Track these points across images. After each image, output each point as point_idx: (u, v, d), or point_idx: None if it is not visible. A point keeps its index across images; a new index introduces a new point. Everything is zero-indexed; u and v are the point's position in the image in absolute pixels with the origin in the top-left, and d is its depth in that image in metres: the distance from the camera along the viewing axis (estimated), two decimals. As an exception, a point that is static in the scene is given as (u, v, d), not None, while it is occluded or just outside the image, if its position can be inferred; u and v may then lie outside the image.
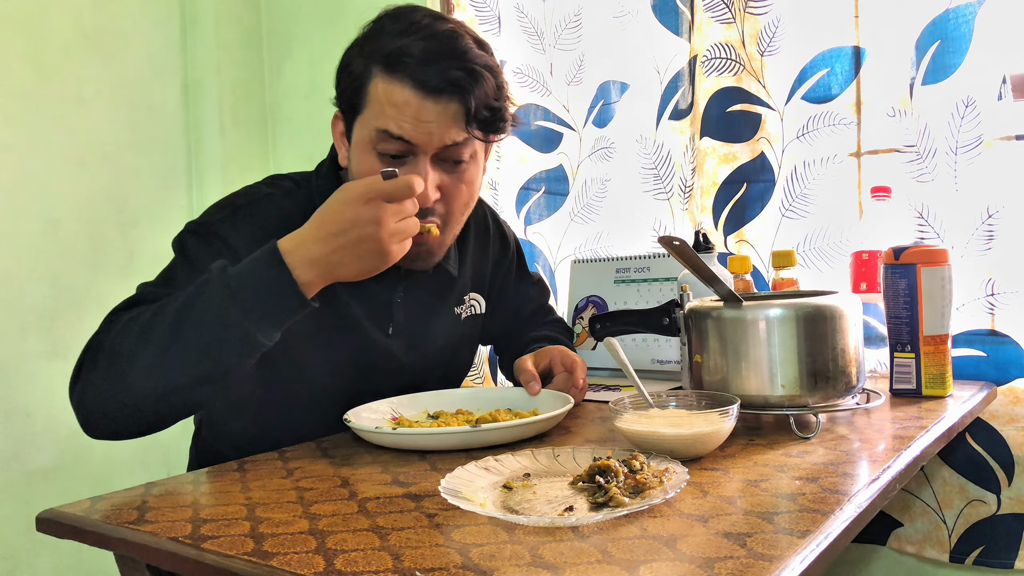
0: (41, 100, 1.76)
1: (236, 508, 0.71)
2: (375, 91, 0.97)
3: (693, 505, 0.67)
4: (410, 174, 0.89)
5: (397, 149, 0.97)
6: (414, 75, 0.95)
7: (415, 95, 0.95)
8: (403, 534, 0.63)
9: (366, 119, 0.98)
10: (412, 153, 0.98)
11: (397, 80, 0.95)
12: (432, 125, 0.96)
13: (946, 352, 1.08)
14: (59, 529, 0.71)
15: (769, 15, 1.42)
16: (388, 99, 0.96)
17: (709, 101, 1.47)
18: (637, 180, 1.62)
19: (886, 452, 0.82)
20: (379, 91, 0.97)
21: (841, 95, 1.39)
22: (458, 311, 1.20)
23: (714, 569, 0.54)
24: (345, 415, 0.96)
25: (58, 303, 1.77)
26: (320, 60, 2.07)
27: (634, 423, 0.82)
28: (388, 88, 0.96)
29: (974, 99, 1.23)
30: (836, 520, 0.63)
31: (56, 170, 1.79)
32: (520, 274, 1.36)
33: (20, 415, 1.71)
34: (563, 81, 1.72)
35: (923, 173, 1.29)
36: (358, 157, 1.01)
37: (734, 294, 0.94)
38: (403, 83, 0.95)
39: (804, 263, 1.42)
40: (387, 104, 0.96)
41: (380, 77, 0.97)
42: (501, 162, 1.77)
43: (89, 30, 1.85)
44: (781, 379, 0.90)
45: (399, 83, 0.95)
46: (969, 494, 1.25)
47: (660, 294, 1.44)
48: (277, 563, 0.58)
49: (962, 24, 1.24)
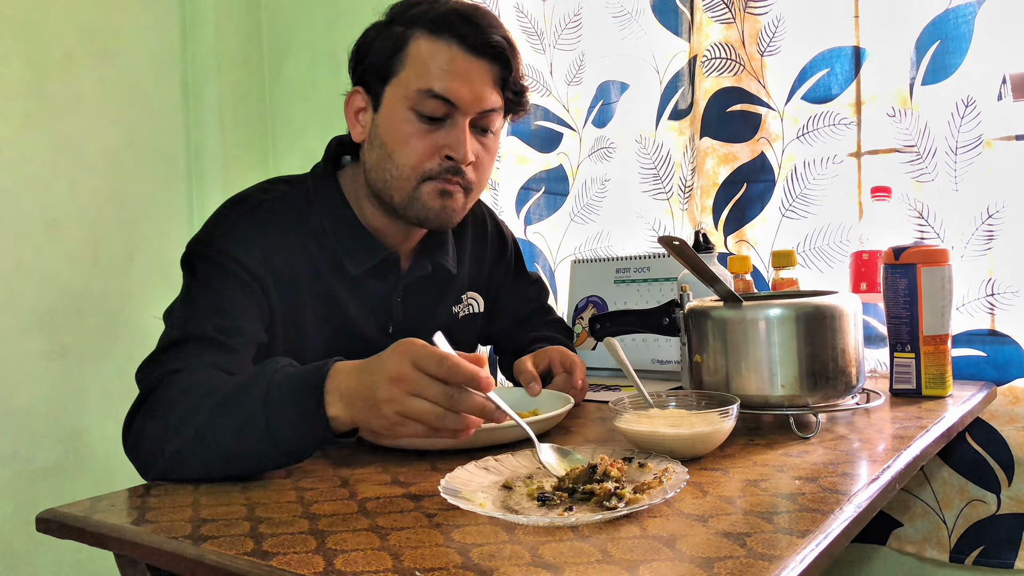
0: (41, 100, 1.76)
1: (236, 508, 0.71)
2: (417, 51, 0.99)
3: (693, 505, 0.67)
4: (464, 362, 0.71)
5: (437, 109, 0.99)
6: (460, 33, 0.98)
7: (461, 52, 0.98)
8: (403, 534, 0.63)
9: (404, 80, 0.99)
10: (451, 116, 1.00)
11: (442, 39, 0.98)
12: (476, 85, 0.99)
13: (946, 352, 1.08)
14: (59, 529, 0.71)
15: (769, 15, 1.42)
16: (432, 57, 0.98)
17: (709, 101, 1.47)
18: (637, 180, 1.62)
19: (886, 452, 0.82)
20: (422, 51, 0.99)
21: (841, 95, 1.39)
22: (456, 310, 1.21)
23: (714, 569, 0.54)
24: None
25: (58, 303, 1.77)
26: (320, 60, 2.07)
27: (634, 423, 0.82)
28: (433, 47, 0.98)
29: (974, 99, 1.23)
30: (836, 520, 0.63)
31: (56, 170, 1.79)
32: (518, 273, 1.36)
33: (20, 415, 1.70)
34: (563, 81, 1.72)
35: (923, 173, 1.29)
36: (390, 120, 1.01)
37: (734, 294, 0.94)
38: (449, 41, 0.98)
39: (804, 263, 1.42)
40: (431, 62, 0.98)
41: (424, 38, 0.99)
42: (501, 162, 1.77)
43: (89, 30, 1.85)
44: (781, 379, 0.90)
45: (444, 41, 0.98)
46: (969, 494, 1.25)
47: (660, 294, 1.44)
48: (277, 563, 0.58)
49: (962, 24, 1.24)
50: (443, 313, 1.18)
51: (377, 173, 1.03)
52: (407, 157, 1.00)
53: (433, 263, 1.13)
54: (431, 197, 1.01)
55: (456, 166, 1.00)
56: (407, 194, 1.01)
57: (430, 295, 1.16)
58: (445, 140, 0.99)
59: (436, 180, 1.01)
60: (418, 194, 1.01)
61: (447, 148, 0.99)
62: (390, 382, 0.71)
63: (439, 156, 1.00)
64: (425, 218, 1.03)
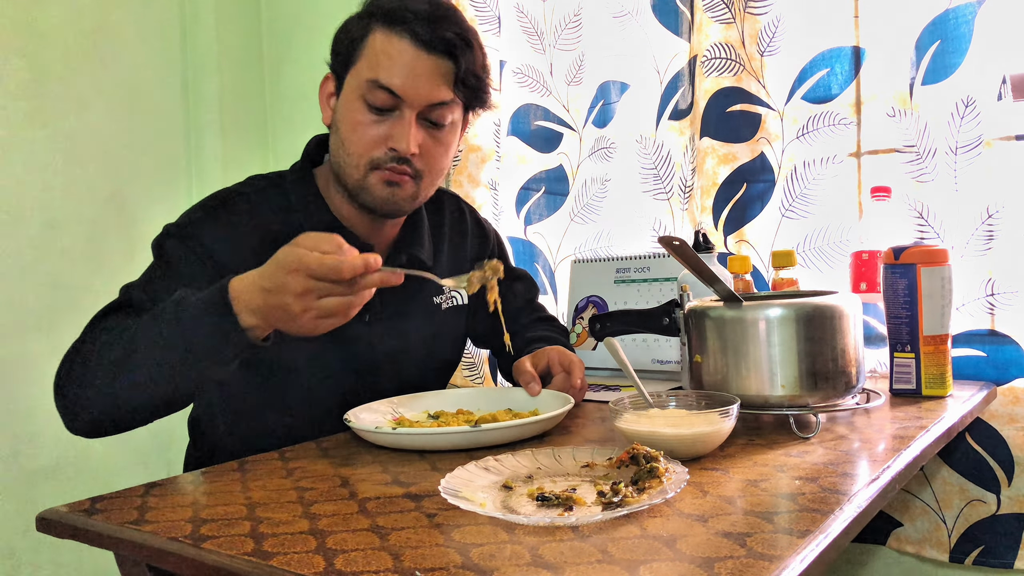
0: (41, 100, 1.76)
1: (236, 508, 0.71)
2: (372, 42, 1.03)
3: (693, 505, 0.67)
4: (351, 254, 0.82)
5: (385, 101, 1.02)
6: (412, 28, 1.01)
7: (411, 46, 1.01)
8: (403, 534, 0.63)
9: (359, 70, 1.04)
10: (398, 108, 1.03)
11: (395, 32, 1.02)
12: (422, 80, 1.02)
13: (946, 352, 1.08)
14: (59, 529, 0.71)
15: (769, 15, 1.42)
16: (384, 49, 1.02)
17: (709, 101, 1.47)
18: (637, 180, 1.62)
19: (886, 452, 0.82)
20: (376, 42, 1.03)
21: (841, 95, 1.39)
22: (438, 300, 1.23)
23: (714, 569, 0.54)
24: (345, 415, 0.96)
25: (58, 303, 1.77)
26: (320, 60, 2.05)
27: (634, 423, 0.82)
28: (385, 39, 1.02)
29: (974, 99, 1.23)
30: (836, 520, 0.63)
31: (56, 170, 1.79)
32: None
33: (20, 415, 1.70)
34: (563, 81, 1.72)
35: (923, 173, 1.29)
36: (345, 108, 1.05)
37: (734, 294, 0.94)
38: (400, 35, 1.01)
39: (804, 263, 1.42)
40: (382, 54, 1.02)
41: (379, 30, 1.03)
42: (501, 162, 1.77)
43: (89, 30, 1.85)
44: (781, 379, 0.90)
45: (397, 35, 1.02)
46: (969, 494, 1.25)
47: (660, 294, 1.44)
48: (277, 563, 0.58)
49: (962, 24, 1.24)
50: (424, 303, 1.20)
51: (335, 158, 1.08)
52: (356, 145, 1.04)
53: (408, 254, 1.16)
54: (378, 186, 1.06)
55: (401, 156, 1.04)
56: (356, 181, 1.06)
57: (409, 286, 1.17)
58: (390, 131, 1.03)
59: (382, 170, 1.05)
60: (367, 182, 1.06)
61: (391, 139, 1.03)
62: (297, 297, 0.81)
63: (385, 146, 1.04)
64: (375, 206, 1.07)
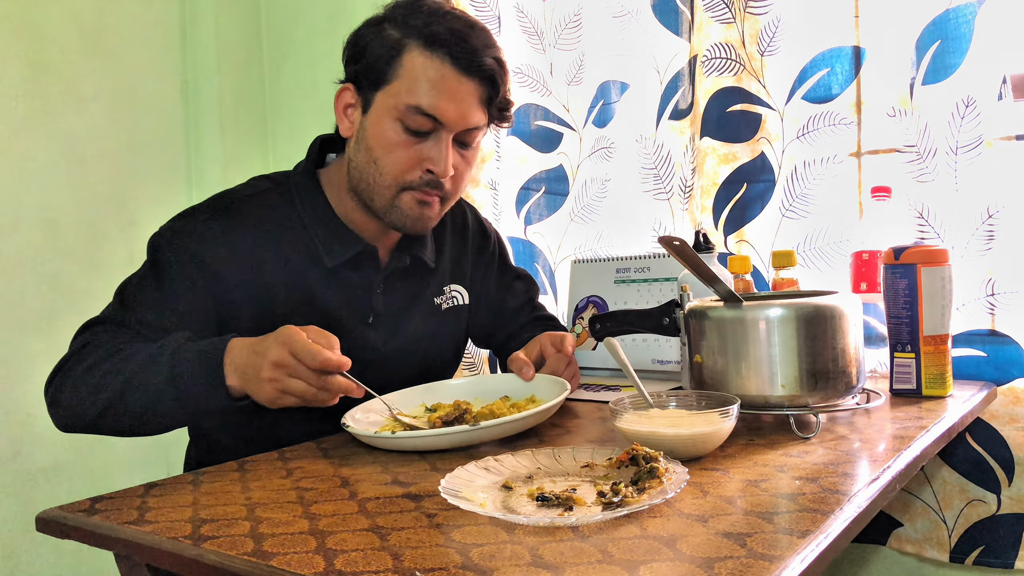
0: (41, 100, 1.76)
1: (236, 508, 0.71)
2: (410, 64, 1.01)
3: (693, 505, 0.67)
4: (334, 353, 0.87)
5: (423, 125, 1.02)
6: (453, 53, 1.00)
7: (452, 71, 1.01)
8: (403, 534, 0.63)
9: (395, 90, 1.02)
10: (435, 131, 1.03)
11: (437, 55, 1.00)
12: (463, 104, 1.02)
13: (946, 352, 1.08)
14: (59, 529, 0.71)
15: (769, 15, 1.42)
16: (424, 73, 1.00)
17: (709, 101, 1.47)
18: (637, 180, 1.62)
19: (886, 452, 0.82)
20: (415, 64, 1.01)
21: (841, 95, 1.39)
22: (438, 301, 1.23)
23: (714, 569, 0.54)
24: (343, 419, 0.96)
25: (58, 303, 1.77)
26: (320, 60, 2.07)
27: (634, 423, 0.82)
28: (425, 62, 1.00)
29: (974, 99, 1.23)
30: (836, 520, 0.63)
31: (56, 170, 1.79)
32: (504, 268, 1.37)
33: (20, 415, 1.70)
34: (563, 81, 1.72)
35: (923, 173, 1.29)
36: (377, 127, 1.04)
37: (734, 294, 0.94)
38: (442, 59, 1.00)
39: (804, 263, 1.42)
40: (423, 78, 1.00)
41: (418, 51, 1.01)
42: (501, 162, 1.77)
43: (89, 30, 1.85)
44: (781, 379, 0.90)
45: (438, 58, 1.00)
46: (969, 494, 1.25)
47: (660, 294, 1.44)
48: (277, 563, 0.58)
49: (962, 24, 1.24)
50: (425, 304, 1.20)
51: (361, 174, 1.06)
52: (390, 166, 1.04)
53: (411, 256, 1.16)
54: (410, 206, 1.06)
55: (436, 179, 1.04)
56: (387, 201, 1.06)
57: (410, 287, 1.19)
58: (428, 154, 1.03)
59: (416, 191, 1.05)
60: (398, 202, 1.06)
61: (429, 162, 1.03)
62: (272, 366, 0.85)
63: (421, 168, 1.04)
64: (403, 225, 1.08)
